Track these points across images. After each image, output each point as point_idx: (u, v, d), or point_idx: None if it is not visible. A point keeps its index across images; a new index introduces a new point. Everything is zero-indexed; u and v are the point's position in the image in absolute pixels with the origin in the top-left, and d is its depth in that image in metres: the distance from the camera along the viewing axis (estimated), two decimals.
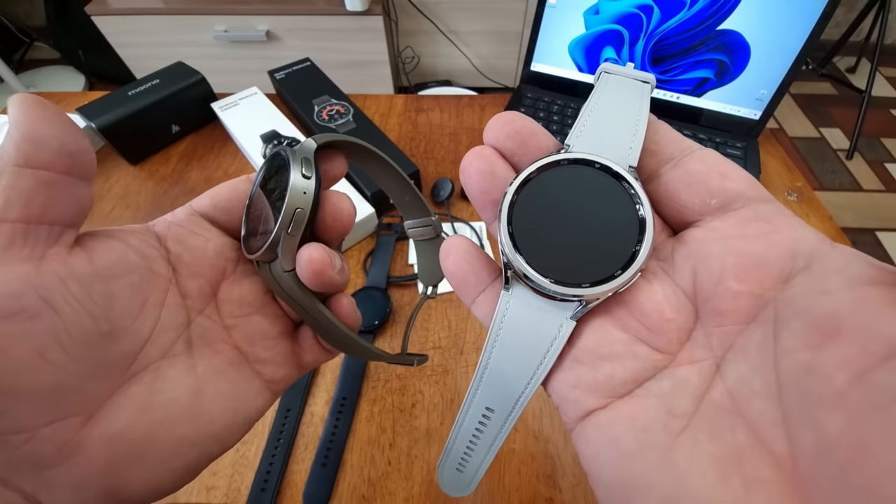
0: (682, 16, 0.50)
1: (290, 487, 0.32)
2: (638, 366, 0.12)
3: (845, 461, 0.09)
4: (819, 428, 0.09)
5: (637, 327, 0.13)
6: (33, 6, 1.63)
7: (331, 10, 1.14)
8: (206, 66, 0.60)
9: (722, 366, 0.11)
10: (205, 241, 0.17)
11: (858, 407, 0.09)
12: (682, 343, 0.12)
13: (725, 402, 0.11)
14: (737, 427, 0.10)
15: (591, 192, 0.13)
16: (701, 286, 0.12)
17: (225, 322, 0.17)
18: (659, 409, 0.11)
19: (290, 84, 0.58)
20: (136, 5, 1.15)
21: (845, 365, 0.09)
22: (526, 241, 0.13)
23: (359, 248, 0.46)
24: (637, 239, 0.13)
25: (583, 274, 0.13)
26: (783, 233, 0.11)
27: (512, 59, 1.45)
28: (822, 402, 0.09)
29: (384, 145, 0.50)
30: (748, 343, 0.11)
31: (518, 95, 0.60)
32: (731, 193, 0.12)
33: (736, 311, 0.11)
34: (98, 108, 0.51)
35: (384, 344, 0.39)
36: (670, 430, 0.11)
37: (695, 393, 0.11)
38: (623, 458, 0.11)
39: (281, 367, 0.18)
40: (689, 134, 0.54)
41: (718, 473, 0.10)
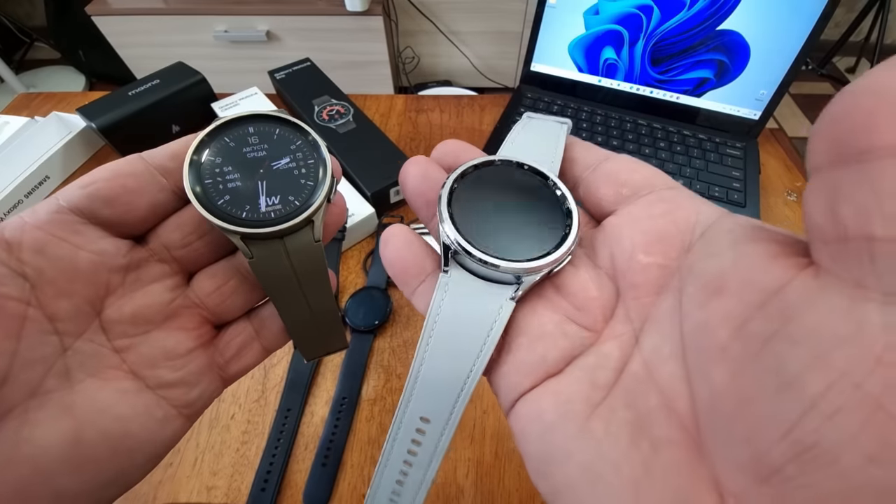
0: (681, 16, 0.51)
1: (291, 487, 0.32)
2: (567, 344, 0.13)
3: (729, 413, 0.09)
4: (709, 383, 0.10)
5: (566, 307, 0.13)
6: (34, 6, 1.63)
7: (331, 10, 1.14)
8: (206, 66, 0.60)
9: (640, 337, 0.12)
10: (73, 249, 0.13)
11: (737, 358, 0.09)
12: (606, 320, 0.13)
13: (641, 371, 0.11)
14: (649, 392, 0.11)
15: (521, 188, 0.15)
16: (617, 264, 0.13)
17: (115, 344, 0.14)
18: (582, 383, 0.12)
19: (290, 84, 0.58)
20: (136, 5, 1.15)
21: (727, 318, 0.09)
22: (465, 224, 0.14)
23: (359, 248, 0.46)
24: (566, 224, 0.14)
25: (520, 252, 0.13)
26: (684, 209, 0.13)
27: (512, 60, 1.45)
28: (710, 357, 0.10)
29: (384, 145, 0.50)
30: (660, 312, 0.12)
31: (518, 95, 0.60)
32: (640, 183, 0.14)
33: (647, 283, 0.12)
34: (98, 108, 0.51)
35: (384, 343, 0.39)
36: (590, 402, 0.12)
37: (615, 366, 0.12)
38: (545, 430, 0.12)
39: (195, 387, 0.15)
40: (689, 134, 0.54)
41: (630, 437, 0.11)
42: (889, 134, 0.07)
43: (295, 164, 0.15)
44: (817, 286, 0.08)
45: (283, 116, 0.16)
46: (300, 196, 0.15)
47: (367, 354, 0.38)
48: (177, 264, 0.15)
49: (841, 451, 0.07)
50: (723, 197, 0.49)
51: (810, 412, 0.08)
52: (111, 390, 0.13)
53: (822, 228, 0.08)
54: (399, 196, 0.48)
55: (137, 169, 0.14)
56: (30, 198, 0.49)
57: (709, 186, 0.50)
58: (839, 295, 0.08)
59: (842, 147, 0.08)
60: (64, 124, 0.54)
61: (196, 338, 0.15)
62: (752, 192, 0.49)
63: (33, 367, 0.12)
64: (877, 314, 0.07)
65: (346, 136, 0.51)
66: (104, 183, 0.14)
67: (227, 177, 0.15)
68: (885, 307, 0.07)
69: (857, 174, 0.07)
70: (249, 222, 0.14)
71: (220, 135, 0.15)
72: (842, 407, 0.07)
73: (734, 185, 0.50)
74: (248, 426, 0.35)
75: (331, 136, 0.51)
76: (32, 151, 0.50)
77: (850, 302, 0.08)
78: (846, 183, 0.08)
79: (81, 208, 0.14)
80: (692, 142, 0.54)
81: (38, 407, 0.12)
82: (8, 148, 0.49)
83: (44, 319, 0.13)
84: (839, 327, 0.08)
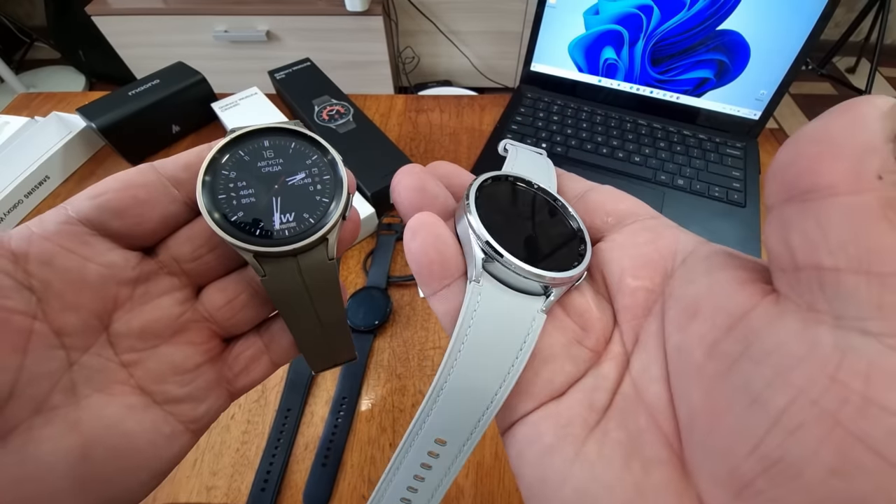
0: (681, 16, 0.51)
1: (291, 487, 0.32)
2: (573, 369, 0.13)
3: (706, 430, 0.10)
4: (688, 402, 0.10)
5: (574, 328, 0.14)
6: (34, 6, 1.63)
7: (331, 10, 1.14)
8: (206, 66, 0.60)
9: (630, 358, 0.13)
10: (81, 262, 0.13)
11: (710, 376, 0.10)
12: (606, 341, 0.14)
13: (631, 392, 0.12)
14: (639, 413, 0.11)
15: (533, 205, 0.15)
16: (609, 288, 0.14)
17: (123, 359, 0.14)
18: (581, 405, 0.12)
19: (290, 84, 0.58)
20: (136, 5, 1.15)
21: (701, 340, 0.10)
22: (496, 232, 0.13)
23: (359, 248, 0.46)
24: (580, 242, 0.14)
25: (547, 263, 0.13)
26: (666, 238, 0.13)
27: (512, 60, 1.45)
28: (688, 377, 0.10)
29: (384, 145, 0.50)
30: (647, 334, 0.12)
31: (518, 95, 0.60)
32: (624, 213, 0.15)
33: (636, 305, 0.13)
34: (98, 108, 0.51)
35: (384, 343, 0.39)
36: (587, 424, 0.12)
37: (611, 387, 0.12)
38: (544, 453, 0.12)
39: (203, 403, 0.15)
40: (689, 134, 0.54)
41: (622, 459, 0.11)
42: (829, 176, 0.08)
43: (311, 181, 0.15)
44: (777, 311, 0.09)
45: (300, 130, 0.16)
46: (315, 214, 0.15)
47: (367, 354, 0.38)
48: (186, 277, 0.15)
49: (804, 465, 0.08)
50: (723, 197, 0.49)
51: (775, 427, 0.08)
52: (118, 406, 0.13)
53: (778, 258, 0.09)
54: None
55: (149, 179, 0.14)
56: (30, 198, 0.49)
57: (709, 186, 0.50)
58: (794, 318, 0.09)
59: (790, 188, 0.09)
60: (64, 124, 0.54)
61: (204, 352, 0.15)
62: (752, 192, 0.49)
63: (39, 383, 0.12)
64: (828, 335, 0.08)
65: (346, 136, 0.51)
66: (115, 194, 0.13)
67: (241, 192, 0.14)
68: (836, 330, 0.08)
69: (804, 211, 0.08)
70: (263, 241, 0.14)
71: (234, 148, 0.15)
72: (803, 423, 0.08)
73: (734, 185, 0.50)
74: (248, 426, 0.35)
75: (331, 136, 0.51)
76: (32, 151, 0.50)
77: (803, 325, 0.08)
78: (795, 218, 0.09)
79: (91, 219, 0.13)
80: (692, 142, 0.54)
81: (44, 423, 0.12)
82: (8, 148, 0.49)
83: (50, 333, 0.12)
84: (796, 347, 0.08)
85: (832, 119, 0.08)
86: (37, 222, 0.13)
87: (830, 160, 0.08)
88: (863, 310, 0.08)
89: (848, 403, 0.07)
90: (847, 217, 0.08)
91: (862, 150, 0.08)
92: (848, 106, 0.08)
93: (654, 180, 0.51)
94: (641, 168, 0.52)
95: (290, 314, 0.15)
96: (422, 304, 0.42)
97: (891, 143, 0.08)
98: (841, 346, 0.08)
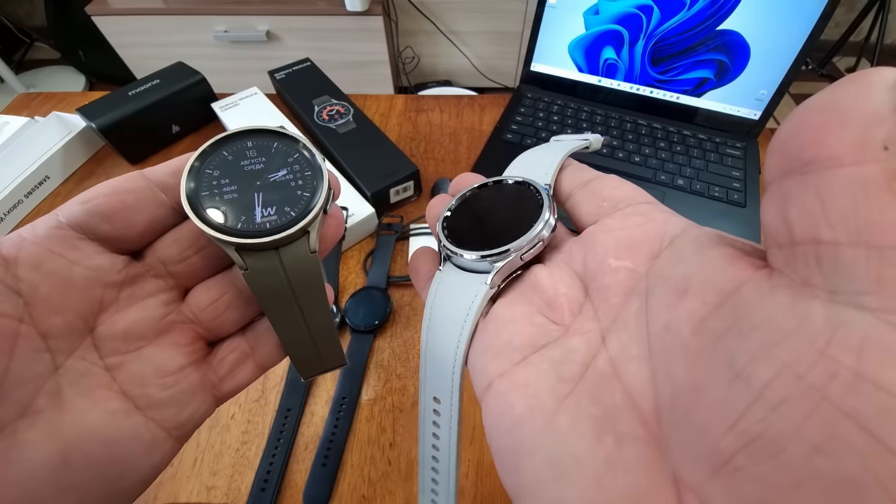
0: (681, 16, 0.51)
1: (291, 487, 0.32)
2: (534, 331, 0.13)
3: (686, 405, 0.09)
4: (672, 379, 0.10)
5: (537, 302, 0.14)
6: (34, 6, 1.63)
7: (331, 10, 1.14)
8: (206, 66, 0.60)
9: (607, 336, 0.12)
10: (69, 265, 0.13)
11: (696, 353, 0.10)
12: (573, 315, 0.14)
13: (607, 368, 0.12)
14: (615, 390, 0.11)
15: (507, 199, 0.17)
16: (589, 267, 0.14)
17: (107, 362, 0.14)
18: (549, 375, 0.12)
19: (290, 84, 0.58)
20: (136, 5, 1.15)
21: (689, 318, 0.10)
22: (454, 233, 0.16)
23: (359, 248, 0.46)
24: (532, 223, 0.15)
25: (493, 246, 0.15)
26: (656, 222, 0.13)
27: (512, 60, 1.45)
28: (673, 355, 0.10)
29: (384, 145, 0.50)
30: (628, 314, 0.12)
31: (518, 96, 0.60)
32: (619, 198, 0.15)
33: (616, 285, 0.13)
34: (98, 108, 0.51)
35: (384, 343, 0.39)
36: (557, 395, 0.12)
37: (582, 360, 0.12)
38: (514, 424, 0.12)
39: (187, 407, 0.15)
40: (689, 134, 0.54)
41: (594, 433, 0.11)
42: (833, 146, 0.08)
43: (292, 176, 0.15)
44: (769, 286, 0.09)
45: (282, 131, 0.16)
46: (296, 207, 0.15)
47: (367, 354, 0.38)
48: (172, 279, 0.15)
49: (786, 441, 0.07)
50: (723, 197, 0.49)
51: (756, 402, 0.08)
52: (100, 412, 0.13)
53: (775, 233, 0.09)
54: (399, 196, 0.48)
55: (137, 185, 0.14)
56: (30, 198, 0.49)
57: (709, 186, 0.50)
58: (786, 292, 0.08)
59: (792, 159, 0.08)
60: (64, 124, 0.54)
61: (188, 354, 0.15)
62: (753, 192, 0.49)
63: (24, 386, 0.12)
64: (820, 310, 0.08)
65: (346, 136, 0.51)
66: (104, 199, 0.14)
67: (224, 189, 0.15)
68: (829, 304, 0.08)
69: (804, 183, 0.08)
70: (244, 233, 0.14)
71: (218, 148, 0.15)
72: (786, 397, 0.08)
73: (734, 185, 0.50)
74: (248, 426, 0.35)
75: (331, 136, 0.51)
76: (32, 151, 0.50)
77: (795, 299, 0.08)
78: (795, 191, 0.08)
79: (80, 223, 0.14)
80: (692, 142, 0.54)
81: (28, 427, 0.12)
82: (8, 148, 0.49)
83: (36, 336, 0.12)
84: (785, 322, 0.08)
85: (838, 89, 0.08)
86: (28, 229, 0.13)
87: (835, 130, 0.08)
88: (861, 284, 0.07)
89: (837, 378, 0.07)
90: (849, 189, 0.08)
91: (868, 120, 0.08)
92: (856, 76, 0.08)
93: (654, 180, 0.51)
94: (641, 168, 0.52)
95: (273, 311, 0.15)
96: (421, 304, 0.42)
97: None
98: (833, 320, 0.08)
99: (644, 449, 0.10)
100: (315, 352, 0.16)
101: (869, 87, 0.08)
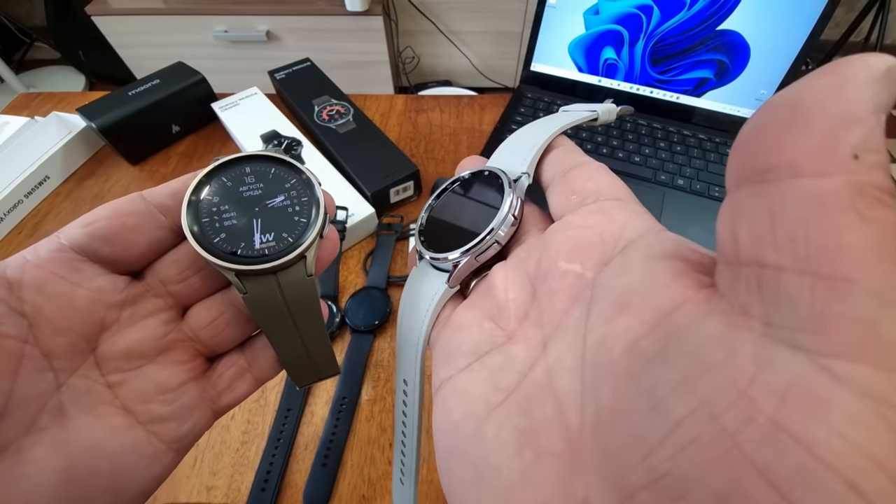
0: (681, 16, 0.51)
1: (291, 487, 0.32)
2: (481, 338, 0.13)
3: (606, 430, 0.09)
4: (597, 399, 0.09)
5: (489, 307, 0.14)
6: (34, 6, 1.63)
7: (331, 10, 1.14)
8: (206, 66, 0.60)
9: (548, 343, 0.12)
10: (71, 287, 0.13)
11: (622, 376, 0.09)
12: (519, 321, 0.13)
13: (543, 378, 0.11)
14: (546, 403, 0.11)
15: (477, 195, 0.17)
16: (541, 268, 0.13)
17: (109, 380, 0.14)
18: (486, 383, 0.12)
19: (290, 84, 0.58)
20: (136, 5, 1.15)
21: (624, 335, 0.09)
22: (428, 234, 0.17)
23: (359, 248, 0.46)
24: (489, 221, 0.15)
25: (451, 246, 0.15)
26: (615, 223, 0.12)
27: (512, 60, 1.45)
28: (603, 372, 0.09)
29: (384, 145, 0.50)
30: (570, 321, 0.11)
31: (518, 96, 0.60)
32: (588, 191, 0.14)
33: (563, 290, 0.12)
34: (98, 108, 0.51)
35: (384, 343, 0.39)
36: (489, 404, 0.12)
37: (520, 369, 0.12)
38: (451, 428, 0.12)
39: (186, 421, 0.15)
40: (689, 134, 0.54)
41: (516, 444, 0.11)
42: (791, 152, 0.07)
43: (289, 202, 0.16)
44: (705, 310, 0.08)
45: (279, 157, 0.17)
46: (293, 233, 0.15)
47: (367, 354, 0.38)
48: (172, 298, 0.16)
49: (690, 486, 0.07)
50: (722, 197, 0.49)
51: (668, 438, 0.07)
52: (103, 427, 0.13)
53: (724, 250, 0.08)
54: (399, 196, 0.48)
55: (137, 207, 0.15)
56: (30, 198, 0.49)
57: (708, 186, 0.50)
58: (720, 319, 0.08)
59: (748, 165, 0.07)
60: (64, 124, 0.54)
61: (188, 371, 0.15)
62: None
63: (29, 405, 0.12)
64: (750, 344, 0.07)
65: (346, 136, 0.51)
66: (105, 222, 0.14)
67: (223, 215, 0.15)
68: (761, 338, 0.07)
69: (758, 194, 0.07)
70: (243, 259, 0.15)
71: (217, 175, 0.16)
72: (697, 438, 0.07)
73: None
74: (248, 426, 0.35)
75: (331, 136, 0.51)
76: (32, 151, 0.50)
77: (727, 328, 0.07)
78: (747, 202, 0.07)
79: (82, 246, 0.14)
80: (692, 142, 0.54)
81: (33, 444, 0.12)
82: (8, 148, 0.49)
83: (40, 357, 0.13)
84: (712, 353, 0.07)
85: (812, 80, 0.07)
86: (31, 251, 0.14)
87: (797, 132, 0.07)
88: (800, 319, 0.06)
89: (752, 424, 0.06)
90: (804, 204, 0.06)
91: (838, 122, 0.06)
92: (835, 65, 0.07)
93: (654, 180, 0.51)
94: (641, 168, 0.52)
95: (271, 330, 0.16)
96: None
97: (880, 114, 0.06)
98: (760, 357, 0.07)
99: (559, 466, 0.10)
100: (310, 364, 0.17)
101: (847, 79, 0.06)
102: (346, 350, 0.38)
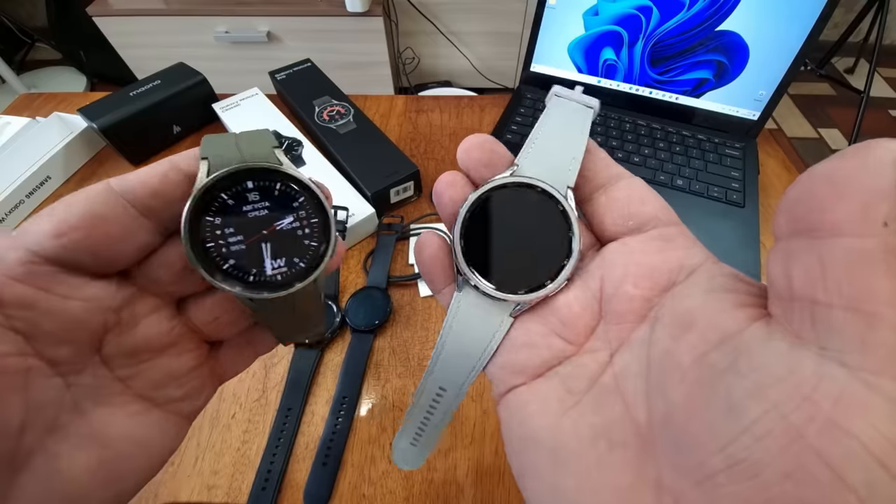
0: (680, 17, 0.51)
1: (291, 486, 0.32)
2: (549, 355, 0.15)
3: (680, 425, 0.11)
4: (667, 399, 0.11)
5: (553, 322, 0.15)
6: (35, 7, 1.63)
7: (331, 11, 1.14)
8: (207, 66, 0.61)
9: (615, 356, 0.14)
10: (62, 300, 0.13)
11: (694, 381, 0.11)
12: (587, 336, 0.15)
13: (611, 384, 0.13)
14: (615, 403, 0.13)
15: (531, 212, 0.15)
16: (605, 289, 0.15)
17: (118, 374, 0.14)
18: (559, 388, 0.14)
19: (290, 85, 0.58)
20: (137, 6, 1.15)
21: (691, 349, 0.11)
22: (475, 254, 0.16)
23: (359, 248, 0.46)
24: (566, 255, 0.15)
25: (519, 282, 0.15)
26: (678, 250, 0.14)
27: (512, 60, 1.45)
28: (671, 378, 0.11)
29: (384, 146, 0.50)
30: (635, 337, 0.14)
31: (518, 96, 0.60)
32: (646, 217, 0.15)
33: (630, 312, 0.14)
34: (99, 108, 0.51)
35: (384, 343, 0.39)
36: (564, 404, 0.14)
37: (590, 376, 0.14)
38: (527, 418, 0.14)
39: (199, 398, 0.17)
40: (688, 134, 0.55)
41: (591, 437, 0.13)
42: (835, 216, 0.09)
43: (298, 224, 0.15)
44: (767, 333, 0.10)
45: (281, 169, 0.15)
46: (305, 258, 0.15)
47: (368, 354, 0.38)
48: (168, 296, 0.16)
49: (763, 467, 0.09)
50: (721, 197, 0.49)
51: (745, 433, 0.09)
52: (122, 415, 0.14)
53: (777, 286, 0.10)
54: (399, 196, 0.49)
55: (117, 213, 0.13)
56: (31, 198, 0.49)
57: (708, 187, 0.50)
58: (782, 342, 0.10)
59: (798, 222, 0.10)
60: (65, 125, 0.54)
61: (196, 357, 0.16)
62: (751, 193, 0.49)
63: (45, 410, 0.13)
64: (810, 362, 0.09)
65: (346, 137, 0.51)
66: (84, 232, 0.13)
67: (228, 239, 0.14)
68: (819, 358, 0.09)
69: (809, 247, 0.09)
70: (257, 286, 0.14)
71: (216, 191, 0.14)
72: (770, 431, 0.09)
73: (733, 185, 0.50)
74: (249, 425, 0.35)
75: (331, 136, 0.51)
76: (34, 152, 0.50)
77: (789, 349, 0.09)
78: (799, 252, 0.09)
79: (60, 258, 0.13)
80: (691, 142, 0.54)
81: (58, 441, 0.13)
82: (9, 148, 0.49)
83: (45, 366, 0.13)
84: (778, 368, 0.09)
85: (845, 160, 0.09)
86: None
87: (838, 201, 0.09)
88: (846, 343, 0.08)
89: (814, 421, 0.08)
90: (848, 258, 0.09)
91: (870, 195, 0.08)
92: (862, 147, 0.09)
93: (653, 180, 0.51)
94: (641, 168, 0.52)
95: (278, 330, 0.17)
96: (422, 304, 0.42)
97: None
98: (819, 372, 0.09)
99: (631, 454, 0.12)
100: (302, 332, 0.17)
101: (874, 161, 0.08)
102: (347, 350, 0.39)
